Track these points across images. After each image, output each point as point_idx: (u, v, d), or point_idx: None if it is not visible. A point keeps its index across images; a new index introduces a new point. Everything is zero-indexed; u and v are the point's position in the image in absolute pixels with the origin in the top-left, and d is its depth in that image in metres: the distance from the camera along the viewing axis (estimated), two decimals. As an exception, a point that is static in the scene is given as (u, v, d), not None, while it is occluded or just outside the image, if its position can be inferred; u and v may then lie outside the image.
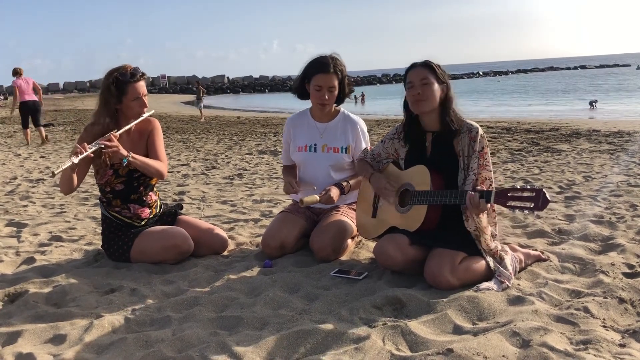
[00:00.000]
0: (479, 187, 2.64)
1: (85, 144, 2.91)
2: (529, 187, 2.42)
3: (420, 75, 2.79)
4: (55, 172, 2.77)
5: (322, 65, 3.21)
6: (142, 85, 3.16)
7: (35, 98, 11.46)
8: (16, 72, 11.30)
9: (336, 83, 3.23)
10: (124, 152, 3.00)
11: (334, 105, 3.37)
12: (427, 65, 2.81)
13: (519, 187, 2.45)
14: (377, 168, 3.10)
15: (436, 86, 2.77)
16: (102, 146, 2.95)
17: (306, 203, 3.15)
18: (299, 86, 3.33)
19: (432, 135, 2.86)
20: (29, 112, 11.41)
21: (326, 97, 3.23)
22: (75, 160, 2.83)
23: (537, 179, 5.78)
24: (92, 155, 2.97)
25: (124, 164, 3.05)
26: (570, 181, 5.56)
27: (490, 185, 2.73)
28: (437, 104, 2.79)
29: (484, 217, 2.69)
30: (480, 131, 2.76)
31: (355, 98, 39.67)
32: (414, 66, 2.84)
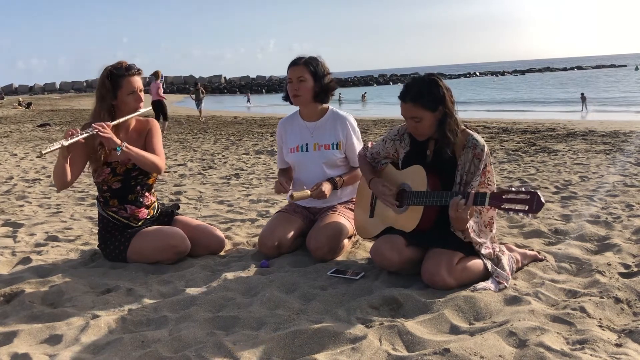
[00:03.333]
0: (475, 190, 2.62)
1: (78, 129, 2.90)
2: (523, 189, 2.42)
3: (410, 114, 2.69)
4: (43, 152, 2.74)
5: (293, 61, 3.32)
6: (137, 80, 3.15)
7: (162, 98, 14.48)
8: (156, 76, 14.63)
9: (306, 75, 3.25)
10: (117, 140, 2.98)
11: (323, 104, 3.39)
12: (416, 99, 2.66)
13: (514, 189, 2.44)
14: (376, 167, 3.09)
15: (430, 118, 2.68)
16: (95, 132, 2.92)
17: (297, 198, 3.15)
18: (285, 90, 3.40)
19: (434, 143, 2.82)
20: (156, 110, 14.36)
21: (296, 87, 3.26)
22: (65, 143, 2.79)
23: (534, 179, 5.79)
24: (83, 141, 2.93)
25: (118, 153, 3.02)
26: (567, 181, 5.58)
27: None
28: (435, 128, 2.71)
29: (469, 225, 2.63)
30: (486, 149, 2.69)
31: (363, 97, 40.39)
32: (403, 99, 2.70)
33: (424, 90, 2.67)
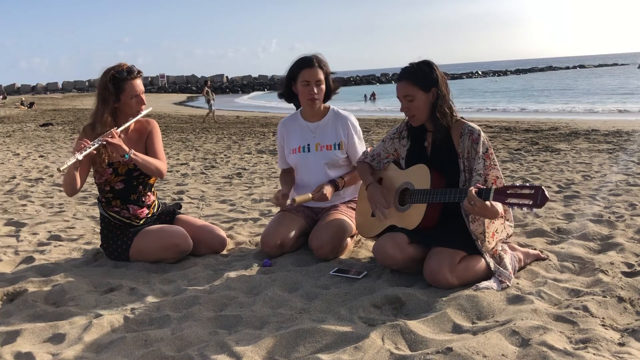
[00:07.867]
0: (478, 185, 2.62)
1: (88, 140, 2.93)
2: (527, 184, 2.42)
3: (403, 92, 2.76)
4: (62, 169, 2.80)
5: (305, 61, 3.25)
6: (139, 83, 3.17)
7: None
8: None
9: (322, 77, 3.25)
10: (125, 148, 3.01)
11: (323, 103, 3.38)
12: (410, 78, 2.75)
13: (518, 184, 2.45)
14: (378, 168, 3.10)
15: (422, 98, 2.73)
16: (104, 142, 2.96)
17: (299, 202, 3.18)
18: (286, 89, 3.35)
19: (431, 134, 2.85)
20: None
21: (315, 90, 3.24)
22: (80, 156, 2.84)
23: (536, 178, 5.79)
24: (95, 152, 2.97)
25: (126, 159, 3.05)
26: (569, 180, 5.57)
27: (501, 183, 2.72)
28: (428, 112, 2.77)
29: (496, 222, 2.66)
30: (482, 134, 2.74)
31: (365, 97, 40.81)
32: (398, 79, 2.80)
33: (418, 70, 2.76)
